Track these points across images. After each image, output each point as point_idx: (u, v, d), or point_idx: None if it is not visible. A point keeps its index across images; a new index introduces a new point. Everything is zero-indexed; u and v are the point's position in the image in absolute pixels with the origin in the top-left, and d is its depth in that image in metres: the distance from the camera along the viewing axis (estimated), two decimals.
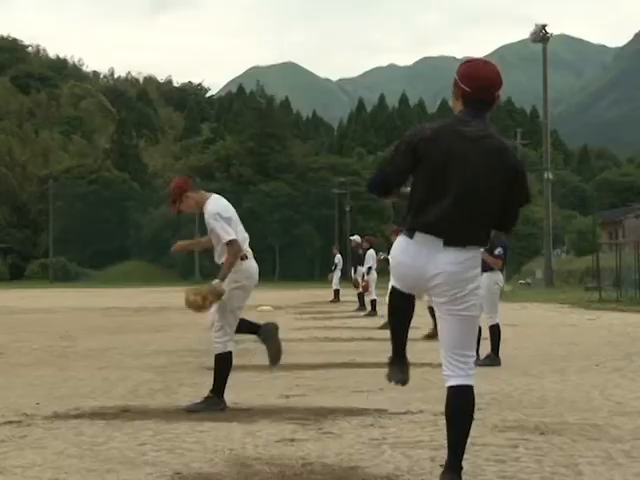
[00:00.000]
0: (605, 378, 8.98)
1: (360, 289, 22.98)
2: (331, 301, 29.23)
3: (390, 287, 4.44)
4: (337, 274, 29.89)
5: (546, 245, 45.16)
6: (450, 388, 4.21)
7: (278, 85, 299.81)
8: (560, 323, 18.33)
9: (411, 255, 4.20)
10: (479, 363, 10.37)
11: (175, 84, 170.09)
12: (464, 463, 4.89)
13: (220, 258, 6.99)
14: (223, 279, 6.77)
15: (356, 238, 23.90)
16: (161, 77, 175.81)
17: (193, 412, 6.78)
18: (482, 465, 4.88)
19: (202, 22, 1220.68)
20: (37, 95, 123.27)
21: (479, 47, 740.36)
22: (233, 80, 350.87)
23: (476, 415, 6.54)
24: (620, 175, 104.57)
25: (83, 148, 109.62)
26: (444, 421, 6.29)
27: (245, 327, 7.23)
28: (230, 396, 7.32)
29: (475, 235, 4.17)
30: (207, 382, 8.88)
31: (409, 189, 4.31)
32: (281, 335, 7.38)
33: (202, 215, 7.01)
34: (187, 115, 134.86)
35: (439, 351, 4.32)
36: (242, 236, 6.98)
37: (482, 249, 4.25)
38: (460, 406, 4.21)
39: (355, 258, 23.47)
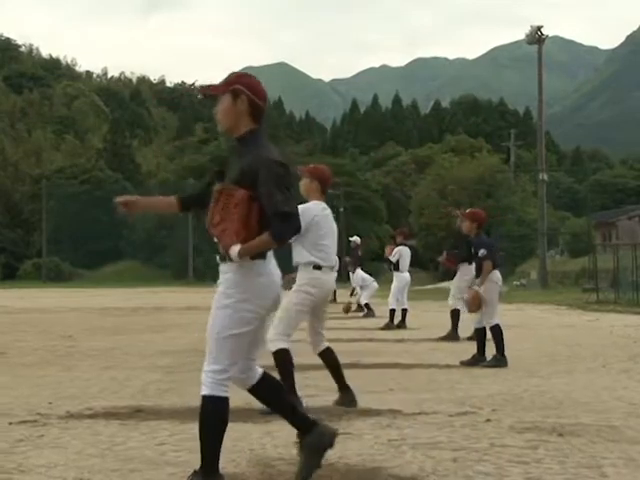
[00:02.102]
0: (613, 379, 9.00)
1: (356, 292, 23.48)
2: None
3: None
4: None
5: (541, 246, 45.16)
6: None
7: (271, 85, 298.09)
8: (560, 324, 18.37)
9: None
10: (485, 364, 10.40)
11: (168, 84, 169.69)
12: (486, 464, 4.90)
13: (295, 258, 6.96)
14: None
15: (356, 239, 23.90)
16: (154, 77, 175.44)
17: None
18: (506, 466, 4.86)
19: (195, 22, 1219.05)
20: (30, 95, 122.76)
21: (472, 48, 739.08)
22: None
23: (491, 416, 6.59)
24: (613, 177, 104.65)
25: (76, 148, 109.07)
26: (459, 422, 6.34)
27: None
28: (241, 395, 7.28)
29: None
30: None
31: None
32: None
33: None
34: (181, 115, 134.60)
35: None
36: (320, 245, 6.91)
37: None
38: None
39: (354, 259, 23.48)
